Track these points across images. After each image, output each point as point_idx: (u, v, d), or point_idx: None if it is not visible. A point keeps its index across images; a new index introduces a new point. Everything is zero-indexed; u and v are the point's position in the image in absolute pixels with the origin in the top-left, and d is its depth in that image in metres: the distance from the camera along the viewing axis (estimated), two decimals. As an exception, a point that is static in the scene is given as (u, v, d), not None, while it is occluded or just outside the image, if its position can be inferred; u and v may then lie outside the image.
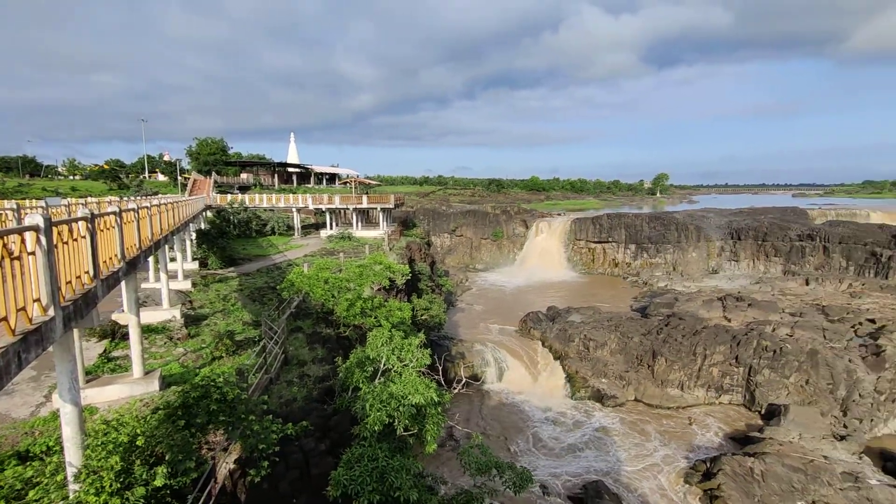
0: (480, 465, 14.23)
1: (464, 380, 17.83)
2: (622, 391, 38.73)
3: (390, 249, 48.43)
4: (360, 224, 61.85)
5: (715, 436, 33.76)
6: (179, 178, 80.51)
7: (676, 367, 39.07)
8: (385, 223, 62.87)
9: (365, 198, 60.86)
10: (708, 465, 29.06)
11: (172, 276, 28.18)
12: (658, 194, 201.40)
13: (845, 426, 33.01)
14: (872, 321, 43.63)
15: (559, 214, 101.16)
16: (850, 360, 36.24)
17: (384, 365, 16.34)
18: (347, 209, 62.21)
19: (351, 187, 69.30)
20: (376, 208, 62.70)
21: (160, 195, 52.58)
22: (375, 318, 24.46)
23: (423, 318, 40.32)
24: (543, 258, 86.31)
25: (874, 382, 34.72)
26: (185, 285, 29.50)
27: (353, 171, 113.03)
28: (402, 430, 13.35)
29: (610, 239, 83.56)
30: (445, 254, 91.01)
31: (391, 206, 61.52)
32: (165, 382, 16.63)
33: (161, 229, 19.47)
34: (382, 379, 15.63)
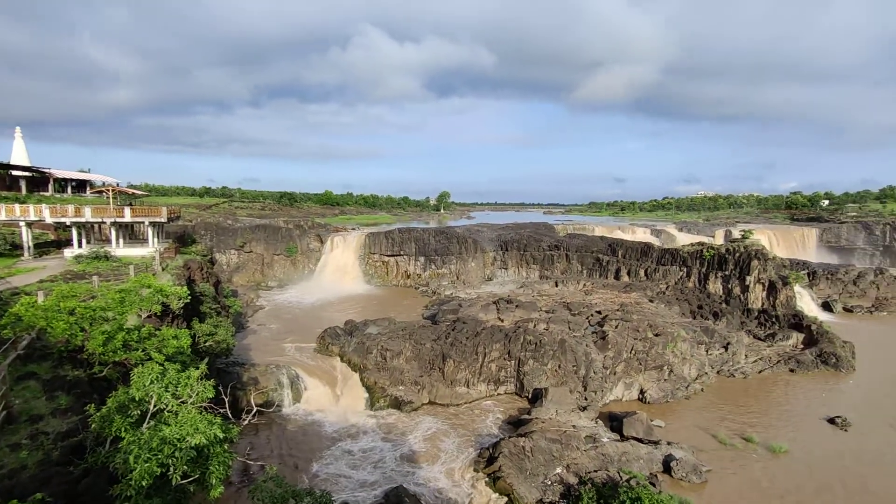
0: (275, 497, 13.50)
1: (255, 408, 16.58)
2: (417, 395, 41.09)
3: (163, 269, 42.07)
4: (121, 241, 52.13)
5: (496, 424, 38.46)
6: None
7: (463, 366, 43.29)
8: (156, 239, 54.38)
9: (128, 210, 51.54)
10: (491, 450, 32.88)
11: None
12: (442, 210, 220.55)
13: (586, 398, 41.25)
14: (599, 312, 55.65)
15: (354, 229, 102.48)
16: (586, 345, 45.53)
17: (155, 405, 14.14)
18: (104, 223, 51.84)
19: (108, 197, 57.66)
20: (144, 222, 53.74)
21: None
22: (144, 350, 20.95)
23: (206, 344, 36.24)
24: (340, 272, 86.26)
25: (602, 361, 44.30)
26: None
27: (110, 179, 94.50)
28: (178, 478, 11.74)
29: (402, 252, 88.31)
30: (233, 272, 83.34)
31: (163, 219, 53.52)
32: None
33: None
34: (153, 422, 13.50)
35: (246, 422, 17.00)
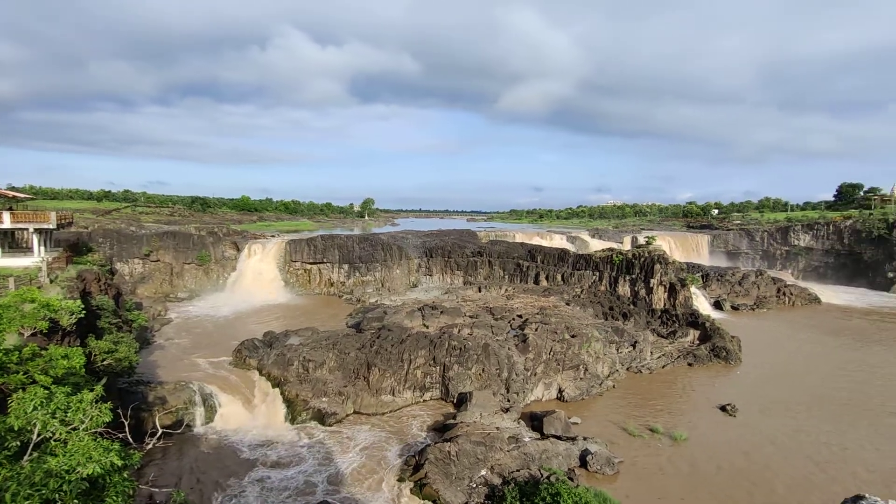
0: (184, 524, 12.54)
1: (160, 431, 15.34)
2: (342, 406, 40.11)
3: (52, 282, 37.81)
4: (-3, 250, 46.11)
5: (422, 430, 38.46)
6: None
7: (388, 374, 42.92)
8: (43, 248, 48.64)
9: (7, 214, 45.70)
10: (417, 457, 32.82)
11: None
12: (366, 217, 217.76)
13: (509, 400, 42.48)
14: (521, 316, 57.72)
15: (273, 236, 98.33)
16: (509, 349, 46.98)
17: (39, 434, 12.66)
18: (-26, 230, 45.58)
19: (-20, 200, 50.60)
20: (28, 229, 47.93)
21: None
22: (26, 373, 18.72)
23: (104, 363, 33.10)
24: (258, 281, 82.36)
25: (524, 363, 45.93)
26: None
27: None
28: (68, 513, 10.59)
29: (325, 259, 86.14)
30: (137, 283, 76.68)
31: (52, 225, 48.03)
32: None
33: None
34: (36, 454, 12.07)
35: (150, 446, 15.69)
